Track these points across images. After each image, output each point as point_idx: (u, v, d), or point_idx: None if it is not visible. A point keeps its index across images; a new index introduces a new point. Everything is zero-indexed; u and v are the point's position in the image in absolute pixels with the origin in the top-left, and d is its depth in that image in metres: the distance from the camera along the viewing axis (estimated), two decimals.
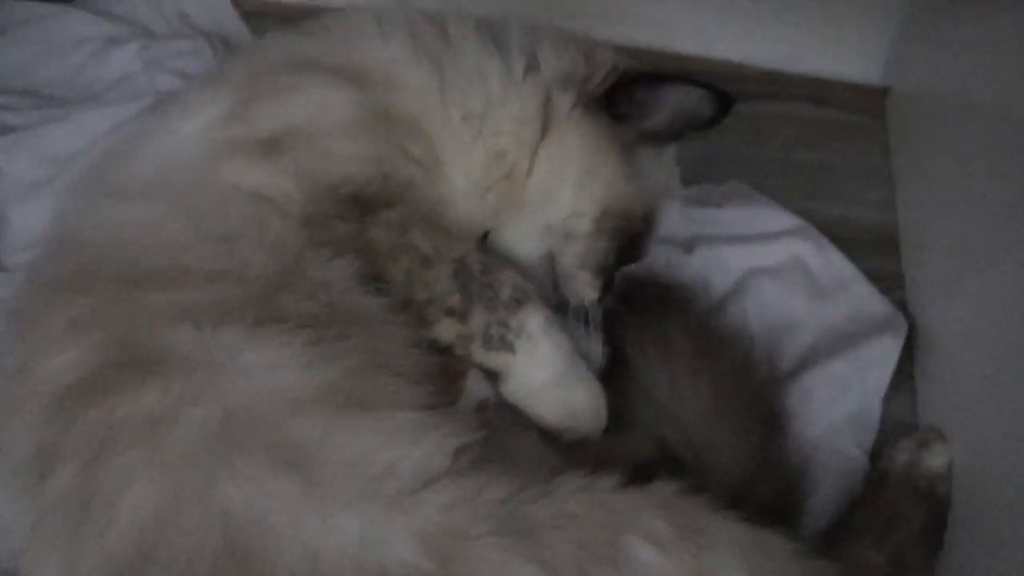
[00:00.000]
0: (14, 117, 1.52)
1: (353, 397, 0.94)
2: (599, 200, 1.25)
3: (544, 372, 1.14)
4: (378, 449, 0.91)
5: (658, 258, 1.46)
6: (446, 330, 1.11)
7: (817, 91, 1.88)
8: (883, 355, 1.39)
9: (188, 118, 1.13)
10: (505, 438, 1.05)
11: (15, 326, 1.03)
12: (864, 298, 1.47)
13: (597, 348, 1.25)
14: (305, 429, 0.90)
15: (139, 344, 0.94)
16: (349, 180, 1.10)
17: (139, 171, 1.11)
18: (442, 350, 1.11)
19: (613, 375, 1.24)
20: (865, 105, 1.86)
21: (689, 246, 1.50)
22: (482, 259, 1.14)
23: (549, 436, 1.14)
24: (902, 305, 1.50)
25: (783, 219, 1.54)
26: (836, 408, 1.33)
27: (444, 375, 1.08)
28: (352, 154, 1.11)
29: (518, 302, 1.13)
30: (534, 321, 1.13)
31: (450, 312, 1.10)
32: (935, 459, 1.24)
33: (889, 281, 1.53)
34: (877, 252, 1.58)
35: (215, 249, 1.02)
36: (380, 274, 1.08)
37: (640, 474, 0.99)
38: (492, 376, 1.14)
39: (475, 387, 1.11)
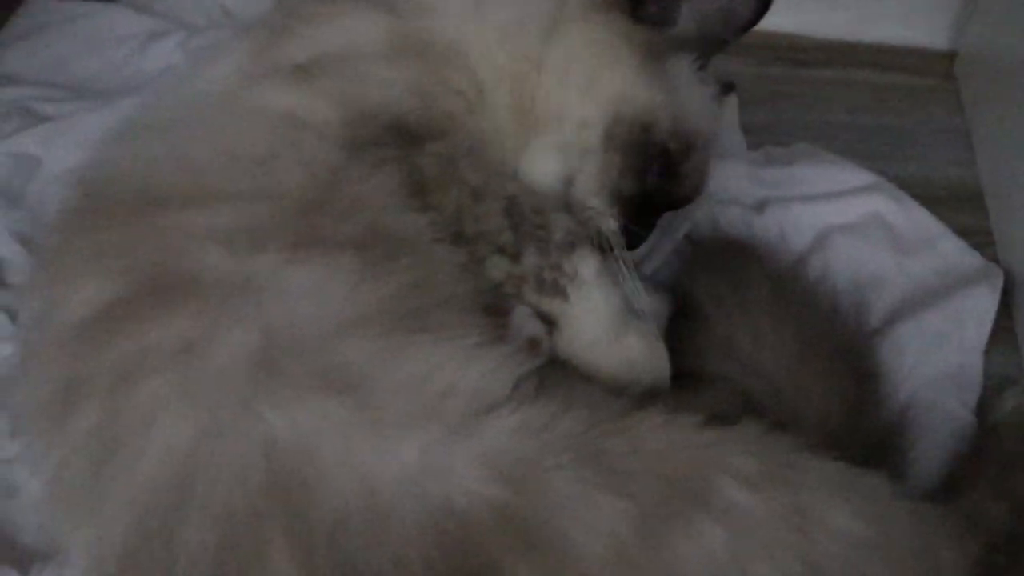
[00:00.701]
0: (53, 108, 1.49)
1: (403, 319, 0.87)
2: (608, 106, 1.10)
3: (598, 321, 1.05)
4: (433, 369, 0.83)
5: (726, 220, 1.38)
6: (496, 268, 1.01)
7: (881, 58, 1.82)
8: (979, 306, 1.30)
9: (219, 59, 1.08)
10: (565, 377, 0.98)
11: (39, 263, 0.97)
12: (953, 252, 1.38)
13: (637, 287, 1.12)
14: (352, 351, 0.83)
15: (169, 268, 0.86)
16: (388, 108, 1.02)
17: (167, 109, 1.06)
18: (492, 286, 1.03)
19: (688, 329, 1.15)
20: (933, 69, 1.80)
21: (760, 207, 1.42)
22: (534, 199, 1.05)
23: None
24: (994, 260, 1.41)
25: (858, 175, 1.46)
26: (933, 362, 1.23)
27: (490, 310, 1.00)
28: (390, 80, 1.04)
29: (571, 245, 1.04)
30: (587, 267, 1.05)
31: (501, 250, 1.01)
32: None
33: (978, 236, 1.44)
34: (961, 209, 1.51)
35: (246, 170, 0.95)
36: (427, 199, 1.00)
37: (725, 423, 0.92)
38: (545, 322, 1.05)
39: (524, 324, 1.02)
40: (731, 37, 1.14)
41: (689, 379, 1.12)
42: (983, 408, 1.22)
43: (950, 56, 1.81)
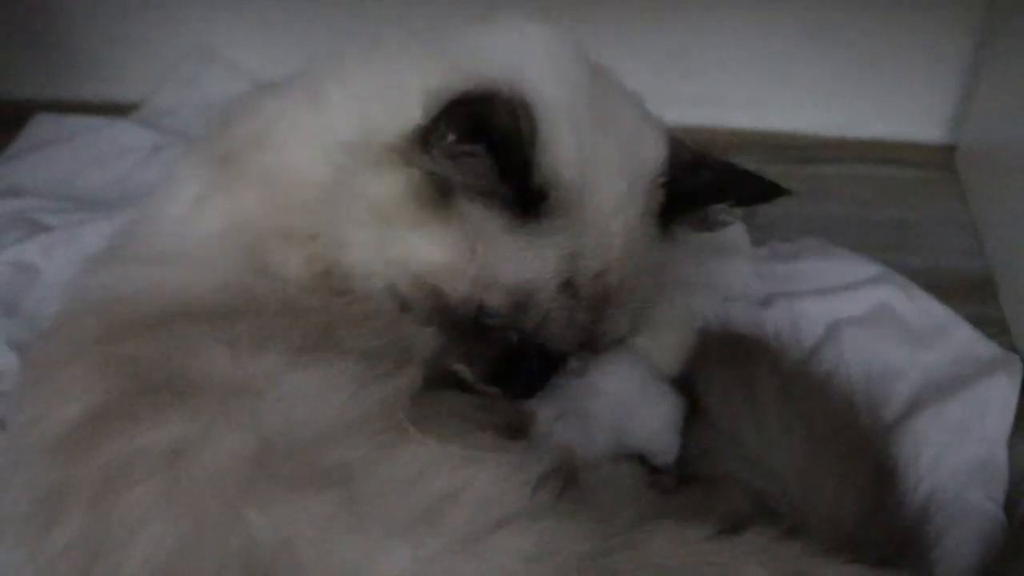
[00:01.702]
0: (56, 219, 1.50)
1: (411, 417, 0.83)
2: (389, 270, 1.00)
3: None
4: (433, 469, 0.79)
5: (734, 316, 1.36)
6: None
7: (881, 153, 1.83)
8: (999, 395, 1.26)
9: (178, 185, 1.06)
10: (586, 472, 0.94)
11: (29, 378, 0.94)
12: (967, 341, 1.35)
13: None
14: (351, 451, 0.79)
15: (167, 370, 0.84)
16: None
17: (156, 241, 1.04)
18: None
19: (695, 427, 1.13)
20: (933, 162, 1.81)
21: (767, 302, 1.40)
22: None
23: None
24: (1010, 348, 1.37)
25: (865, 267, 1.44)
26: (955, 454, 1.19)
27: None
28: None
29: None
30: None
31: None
32: None
33: (991, 326, 1.41)
34: (971, 298, 1.48)
35: (251, 286, 0.94)
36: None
37: (736, 528, 0.87)
38: None
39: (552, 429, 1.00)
40: None
41: (698, 479, 1.09)
42: (1011, 501, 1.17)
43: (950, 149, 1.82)
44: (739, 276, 1.43)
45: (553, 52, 1.00)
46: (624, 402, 1.10)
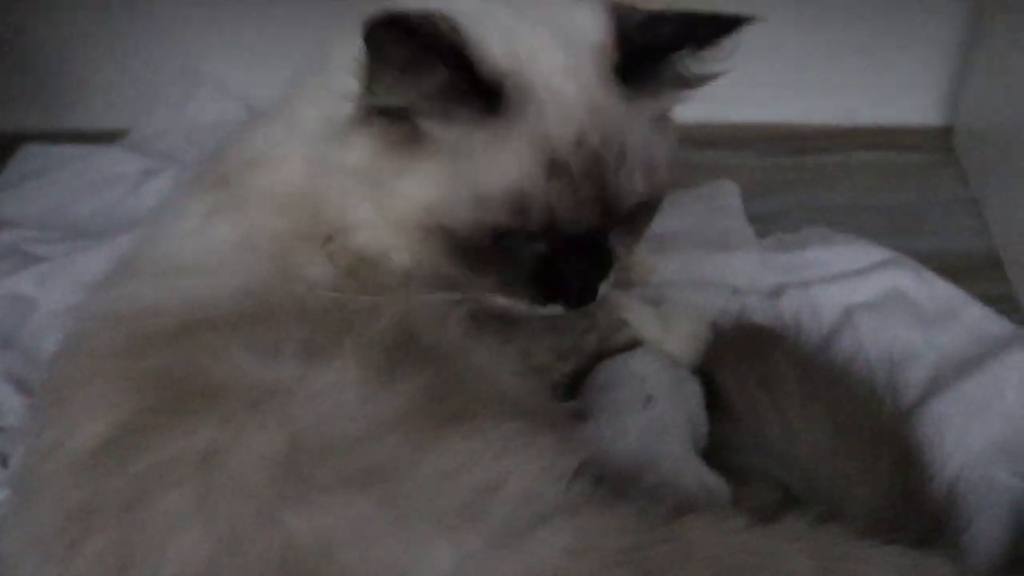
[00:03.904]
0: (48, 249, 1.48)
1: (443, 411, 0.81)
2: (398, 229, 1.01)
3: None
4: (473, 462, 0.77)
5: (746, 308, 1.34)
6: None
7: (879, 140, 1.82)
8: (1017, 371, 1.23)
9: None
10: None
11: (46, 402, 0.92)
12: (980, 320, 1.34)
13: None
14: (386, 449, 0.77)
15: (193, 379, 0.82)
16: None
17: (170, 255, 1.02)
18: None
19: (718, 424, 1.12)
20: (931, 145, 1.80)
21: (778, 293, 1.38)
22: None
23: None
24: (1023, 325, 1.36)
25: (872, 253, 1.43)
26: (977, 434, 1.17)
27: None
28: None
29: None
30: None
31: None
32: None
33: (1001, 303, 1.40)
34: (980, 278, 1.47)
35: (275, 290, 0.92)
36: None
37: (769, 519, 0.85)
38: None
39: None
40: None
41: (730, 474, 1.06)
42: None
43: (947, 131, 1.82)
44: (747, 269, 1.41)
45: None
46: (665, 383, 1.10)
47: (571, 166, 0.93)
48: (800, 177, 1.71)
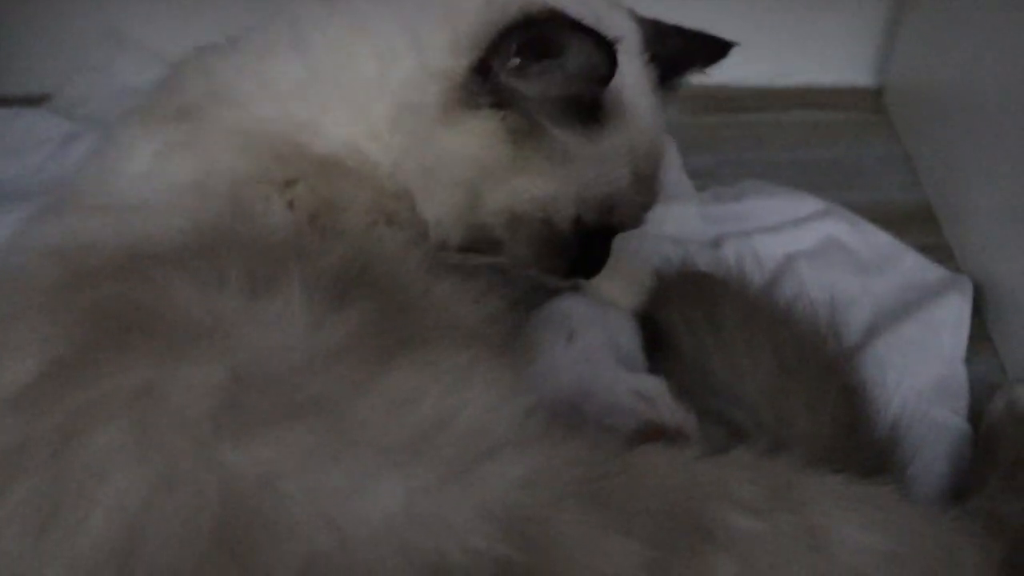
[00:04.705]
0: None
1: (387, 345, 0.78)
2: (499, 216, 1.06)
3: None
4: (422, 394, 0.74)
5: (685, 258, 1.34)
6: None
7: (812, 99, 1.84)
8: (953, 314, 1.28)
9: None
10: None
11: None
12: (915, 266, 1.37)
13: None
14: (331, 379, 0.74)
15: (134, 312, 0.78)
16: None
17: (116, 194, 0.98)
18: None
19: (665, 367, 1.11)
20: (863, 105, 1.83)
21: (717, 243, 1.40)
22: None
23: None
24: (957, 271, 1.40)
25: (809, 203, 1.45)
26: (917, 374, 1.20)
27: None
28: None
29: None
30: None
31: None
32: None
33: (937, 252, 1.43)
34: (913, 229, 1.48)
35: (229, 229, 0.89)
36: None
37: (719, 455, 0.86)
38: None
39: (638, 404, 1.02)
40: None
41: None
42: (975, 414, 1.18)
43: (878, 91, 1.84)
44: (687, 219, 1.42)
45: None
46: (587, 317, 1.11)
47: (646, 175, 1.05)
48: (735, 135, 1.72)
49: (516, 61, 0.92)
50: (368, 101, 0.99)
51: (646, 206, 1.09)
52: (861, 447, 1.02)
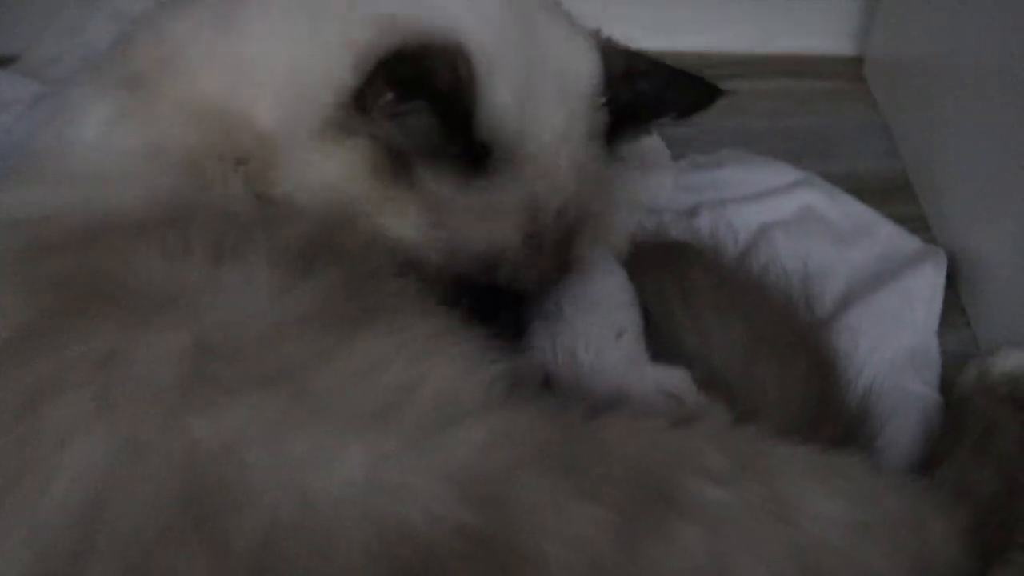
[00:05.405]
0: None
1: (360, 307, 0.79)
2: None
3: None
4: (387, 361, 0.74)
5: (662, 226, 1.34)
6: None
7: (791, 67, 1.83)
8: (926, 285, 1.28)
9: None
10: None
11: None
12: (891, 237, 1.37)
13: None
14: (297, 347, 0.74)
15: (97, 282, 0.77)
16: None
17: (68, 165, 0.95)
18: None
19: None
20: (843, 74, 1.81)
21: (693, 212, 1.38)
22: None
23: None
24: (932, 243, 1.40)
25: (786, 173, 1.44)
26: (889, 344, 1.20)
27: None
28: None
29: None
30: None
31: None
32: (1006, 361, 1.13)
33: (912, 223, 1.43)
34: (890, 199, 1.49)
35: (188, 199, 0.87)
36: None
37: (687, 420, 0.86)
38: None
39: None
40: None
41: None
42: (946, 385, 1.19)
43: (858, 60, 1.83)
44: (662, 188, 1.41)
45: None
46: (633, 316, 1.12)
47: (545, 237, 0.96)
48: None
49: (389, 96, 0.86)
50: (293, 87, 0.94)
51: (546, 273, 1.00)
52: (832, 416, 1.02)
